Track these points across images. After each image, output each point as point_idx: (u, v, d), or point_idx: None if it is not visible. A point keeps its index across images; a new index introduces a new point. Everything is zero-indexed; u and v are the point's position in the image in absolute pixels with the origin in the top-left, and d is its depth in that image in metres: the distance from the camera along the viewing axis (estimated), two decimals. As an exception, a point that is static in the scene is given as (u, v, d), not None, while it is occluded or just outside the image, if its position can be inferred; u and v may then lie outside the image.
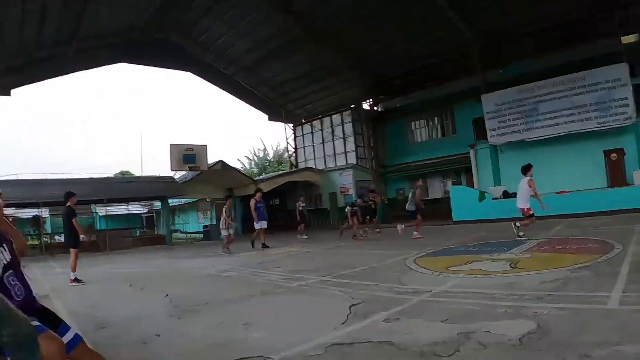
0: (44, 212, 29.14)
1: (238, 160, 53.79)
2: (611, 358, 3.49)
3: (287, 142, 37.79)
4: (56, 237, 26.91)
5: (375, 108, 32.98)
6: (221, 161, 27.47)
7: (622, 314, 4.62)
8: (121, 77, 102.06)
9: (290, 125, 37.07)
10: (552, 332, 4.21)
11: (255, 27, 26.08)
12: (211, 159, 27.03)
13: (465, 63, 24.75)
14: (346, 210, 18.90)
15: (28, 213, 28.89)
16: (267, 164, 53.74)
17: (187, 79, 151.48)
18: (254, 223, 17.32)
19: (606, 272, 6.68)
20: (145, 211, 42.30)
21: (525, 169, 12.29)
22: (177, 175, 27.70)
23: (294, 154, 37.39)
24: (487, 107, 23.43)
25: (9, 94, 23.48)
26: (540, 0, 20.99)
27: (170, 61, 29.61)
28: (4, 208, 3.26)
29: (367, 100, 32.35)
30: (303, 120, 36.21)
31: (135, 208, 40.16)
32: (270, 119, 37.03)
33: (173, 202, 33.68)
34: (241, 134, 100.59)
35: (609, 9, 20.72)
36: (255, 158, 54.77)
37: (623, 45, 20.84)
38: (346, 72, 29.54)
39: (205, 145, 26.16)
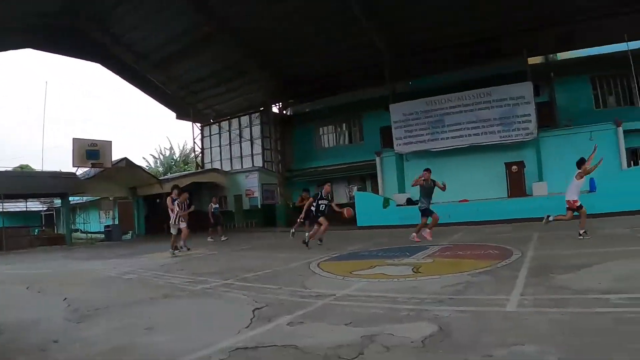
0: None
1: (143, 158, 52.59)
2: (511, 357, 3.56)
3: (194, 142, 37.09)
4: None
5: (284, 112, 33.09)
6: (125, 159, 26.51)
7: (520, 315, 4.83)
8: (28, 64, 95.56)
9: (198, 125, 36.46)
10: (454, 333, 4.27)
11: (169, 22, 25.52)
12: (116, 155, 26.05)
13: (376, 72, 25.20)
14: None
15: None
16: (173, 163, 52.87)
17: (97, 71, 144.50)
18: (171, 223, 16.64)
19: (505, 276, 6.92)
20: (44, 209, 40.16)
21: (579, 163, 11.99)
22: (80, 171, 26.33)
23: (200, 155, 36.74)
24: (395, 116, 24.00)
25: None
26: (452, 18, 21.84)
27: (79, 51, 28.32)
28: None
29: (277, 104, 32.40)
30: (211, 121, 35.75)
31: (34, 205, 38.40)
32: (178, 117, 36.37)
33: (74, 199, 32.42)
34: (148, 131, 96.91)
35: (517, 31, 22.16)
36: (161, 157, 53.89)
37: (529, 65, 22.36)
38: (257, 73, 29.34)
39: (110, 141, 24.96)
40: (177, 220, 14.63)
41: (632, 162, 21.73)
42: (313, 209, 13.92)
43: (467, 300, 5.62)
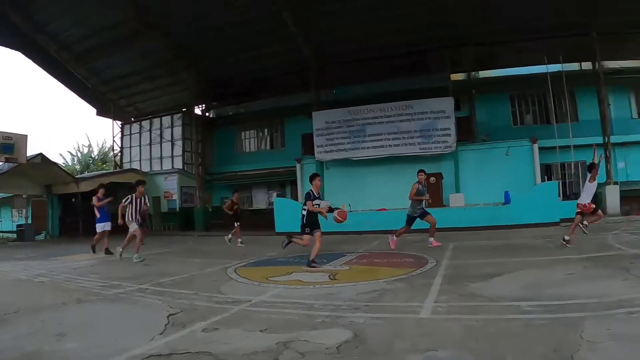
0: None
1: (60, 155, 50.42)
2: (425, 363, 3.60)
3: (114, 140, 35.68)
4: None
5: (207, 114, 32.53)
6: (41, 154, 24.97)
7: (433, 322, 4.99)
8: None
9: (119, 122, 35.15)
10: (368, 340, 4.34)
11: (95, 13, 24.28)
12: (31, 151, 24.25)
13: (301, 79, 25.22)
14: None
15: None
16: (91, 161, 50.92)
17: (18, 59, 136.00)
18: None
19: (420, 284, 7.10)
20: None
21: (589, 168, 11.77)
22: (-9, 165, 24.76)
23: (119, 154, 35.45)
24: (317, 124, 23.99)
25: None
26: (379, 31, 22.14)
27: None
28: None
29: (200, 105, 31.75)
30: (132, 119, 34.66)
31: (-59, 202, 36.05)
32: (98, 113, 34.67)
33: (-16, 196, 30.66)
34: (66, 127, 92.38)
35: (441, 48, 22.94)
36: (79, 154, 51.71)
37: (452, 81, 23.25)
38: (182, 73, 28.55)
39: (26, 135, 23.32)
40: (135, 216, 13.21)
41: (545, 177, 22.89)
42: (304, 213, 10.71)
43: (382, 307, 5.73)
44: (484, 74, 26.24)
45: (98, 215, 14.95)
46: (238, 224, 16.41)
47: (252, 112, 29.90)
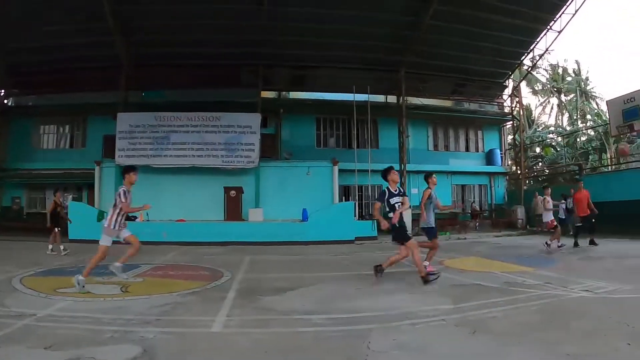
0: None
1: None
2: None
3: None
4: None
5: (5, 101, 29.33)
6: None
7: (225, 336, 5.09)
8: None
9: None
10: (158, 355, 4.32)
11: None
12: None
13: (111, 76, 23.89)
14: None
15: None
16: None
17: None
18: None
19: (214, 297, 7.18)
20: None
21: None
22: None
23: None
24: (122, 126, 22.97)
25: None
26: (194, 38, 22.26)
27: None
28: None
29: (-1, 91, 28.54)
30: None
31: None
32: None
33: None
34: None
35: (256, 64, 23.64)
36: None
37: (262, 98, 23.88)
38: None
39: None
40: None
41: (343, 198, 24.37)
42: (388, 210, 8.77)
43: (174, 321, 5.69)
44: (294, 94, 27.23)
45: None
46: (58, 229, 14.98)
47: (54, 105, 27.11)
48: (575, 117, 47.81)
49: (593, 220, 15.21)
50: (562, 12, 23.87)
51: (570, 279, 8.69)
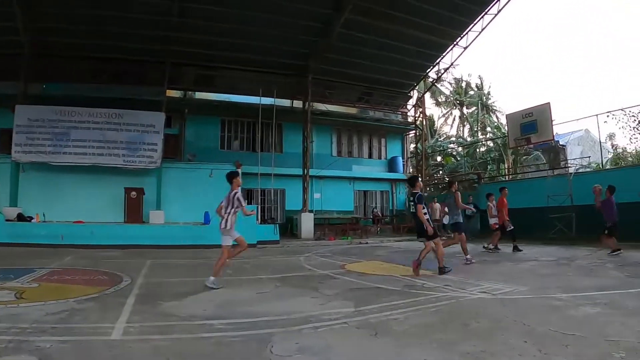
0: None
1: None
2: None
3: None
4: None
5: None
6: None
7: (124, 343, 4.99)
8: None
9: None
10: (55, 366, 4.16)
11: None
12: None
13: (12, 65, 22.22)
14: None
15: None
16: None
17: None
18: None
19: (113, 303, 7.04)
20: None
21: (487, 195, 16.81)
22: None
23: None
24: (20, 119, 21.62)
25: None
26: (104, 32, 21.68)
27: None
28: None
29: None
30: None
31: None
32: None
33: None
34: None
35: (161, 62, 23.12)
36: None
37: (167, 97, 23.41)
38: None
39: None
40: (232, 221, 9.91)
41: (246, 201, 24.24)
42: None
43: (71, 329, 5.51)
44: (200, 95, 26.82)
45: None
46: None
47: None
48: (475, 129, 50.29)
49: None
50: (469, 30, 25.40)
51: (468, 281, 9.15)
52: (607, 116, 24.40)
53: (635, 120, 24.37)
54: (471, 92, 52.39)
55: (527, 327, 5.46)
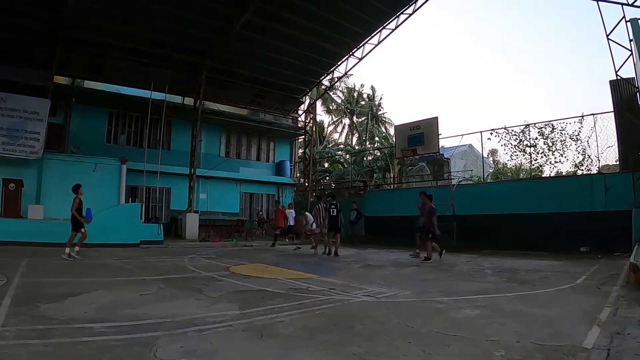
0: None
1: None
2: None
3: None
4: None
5: None
6: None
7: (1, 349, 4.67)
8: None
9: None
10: None
11: None
12: None
13: None
14: None
15: None
16: None
17: None
18: None
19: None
20: None
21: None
22: None
23: None
24: None
25: None
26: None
27: None
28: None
29: None
30: None
31: None
32: None
33: None
34: None
35: (52, 44, 21.72)
36: None
37: (54, 83, 22.32)
38: None
39: None
40: None
41: (130, 199, 24.32)
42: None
43: None
44: (89, 84, 25.74)
45: None
46: None
47: None
48: (364, 138, 52.20)
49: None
50: (366, 42, 26.59)
51: (353, 285, 9.55)
52: (491, 133, 25.82)
53: (517, 138, 26.13)
54: (362, 102, 54.44)
55: (410, 329, 5.78)
